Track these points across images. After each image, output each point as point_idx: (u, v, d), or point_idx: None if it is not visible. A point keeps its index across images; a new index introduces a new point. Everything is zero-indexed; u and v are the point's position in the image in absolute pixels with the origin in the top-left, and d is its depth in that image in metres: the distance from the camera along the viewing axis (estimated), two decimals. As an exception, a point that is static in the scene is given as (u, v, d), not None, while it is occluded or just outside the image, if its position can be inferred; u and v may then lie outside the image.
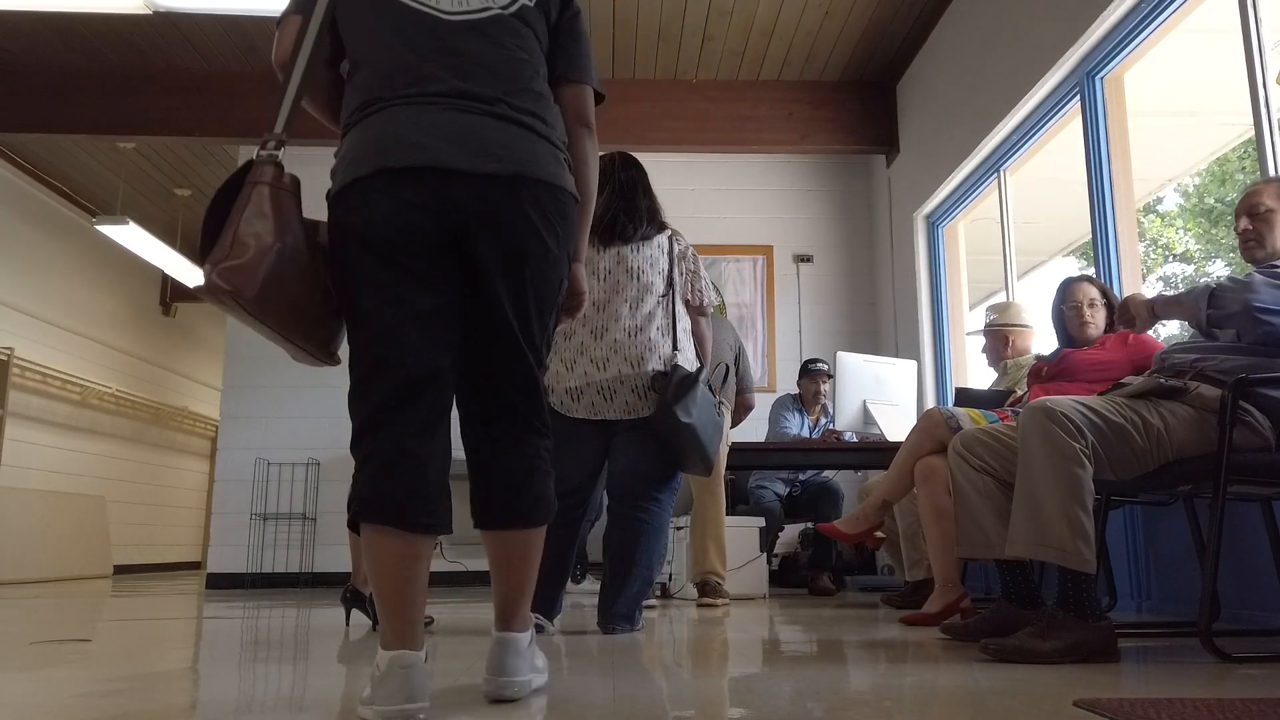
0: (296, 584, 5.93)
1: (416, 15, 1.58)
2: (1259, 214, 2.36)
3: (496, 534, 1.61)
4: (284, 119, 1.53)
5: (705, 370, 2.99)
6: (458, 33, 1.58)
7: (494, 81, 1.57)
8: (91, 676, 1.92)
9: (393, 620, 1.44)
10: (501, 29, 1.61)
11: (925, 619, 3.00)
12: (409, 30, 1.58)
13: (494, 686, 1.56)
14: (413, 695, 1.38)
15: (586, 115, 1.75)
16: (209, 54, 5.66)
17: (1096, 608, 2.09)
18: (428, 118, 1.51)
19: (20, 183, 7.33)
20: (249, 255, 1.39)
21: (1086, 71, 3.88)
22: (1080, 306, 3.06)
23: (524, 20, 1.64)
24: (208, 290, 1.38)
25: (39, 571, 7.16)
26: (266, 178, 1.47)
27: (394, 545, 1.45)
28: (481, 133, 1.52)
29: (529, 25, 1.65)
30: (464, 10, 1.60)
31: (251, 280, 1.38)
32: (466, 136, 1.51)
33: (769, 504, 4.99)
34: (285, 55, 1.62)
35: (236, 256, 1.38)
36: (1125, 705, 1.44)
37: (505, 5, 1.63)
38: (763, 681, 1.81)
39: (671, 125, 5.94)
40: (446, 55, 1.56)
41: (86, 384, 8.20)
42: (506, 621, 1.61)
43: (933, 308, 5.64)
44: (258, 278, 1.39)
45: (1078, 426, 2.10)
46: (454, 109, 1.53)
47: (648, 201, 3.02)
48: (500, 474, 1.60)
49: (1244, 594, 2.82)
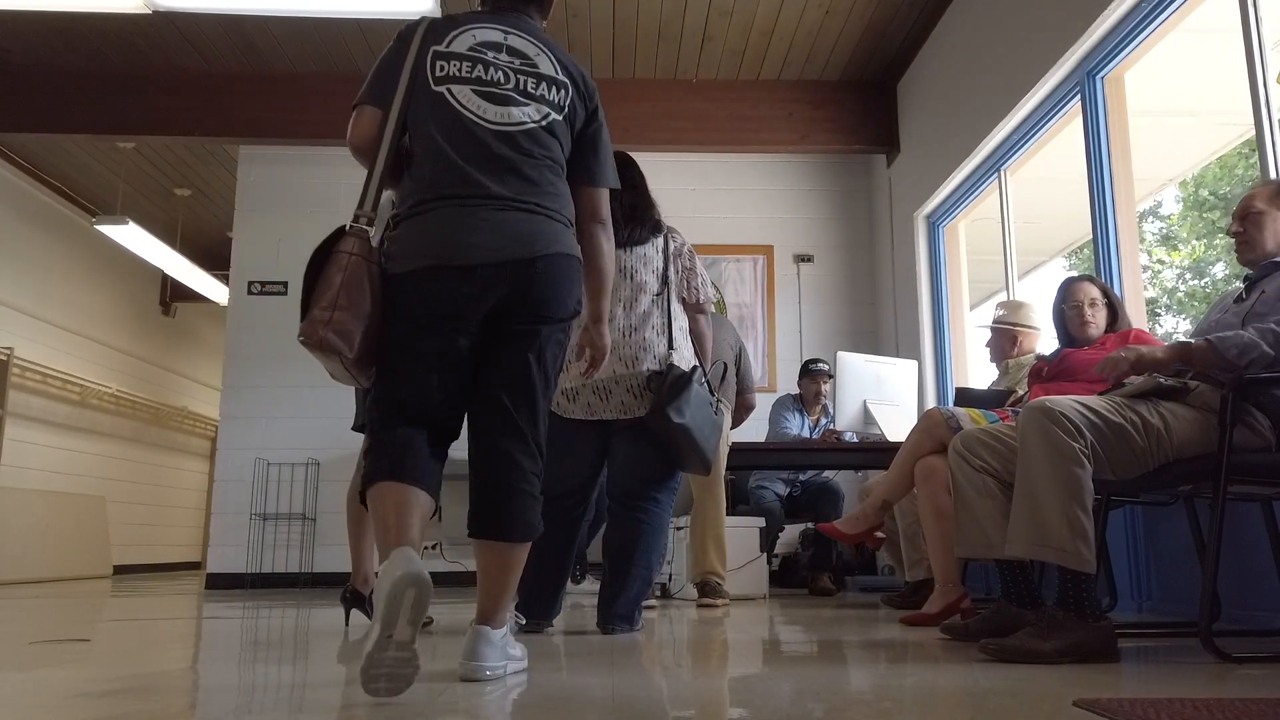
0: (296, 584, 5.93)
1: (466, 121, 1.92)
2: (1249, 217, 2.37)
3: (481, 542, 1.87)
4: (370, 199, 1.88)
5: (705, 369, 2.98)
6: (498, 140, 1.91)
7: (522, 185, 1.91)
8: (90, 676, 1.92)
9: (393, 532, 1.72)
10: (532, 140, 1.95)
11: (925, 619, 3.00)
12: (458, 134, 1.91)
13: (466, 670, 1.81)
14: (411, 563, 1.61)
15: (600, 213, 2.10)
16: (209, 54, 5.66)
17: (1096, 608, 2.09)
18: (471, 219, 1.85)
19: (20, 183, 7.33)
20: (353, 322, 1.76)
21: (1087, 71, 3.88)
22: (1081, 306, 3.06)
23: (552, 132, 1.98)
24: (319, 346, 1.74)
25: (38, 571, 7.16)
26: (362, 251, 1.82)
27: (391, 491, 1.78)
28: (513, 226, 1.87)
29: (555, 136, 1.99)
30: (504, 122, 1.93)
31: (352, 343, 1.77)
32: (500, 232, 1.85)
33: (769, 504, 4.99)
34: (362, 141, 1.95)
35: (341, 322, 1.75)
36: (1125, 705, 1.44)
37: (538, 120, 1.97)
38: (763, 682, 1.80)
39: (671, 125, 5.94)
40: (486, 161, 1.90)
41: (86, 384, 8.20)
42: (484, 618, 1.86)
43: (933, 308, 5.63)
44: (356, 341, 1.77)
45: (1077, 426, 2.10)
46: (491, 208, 1.87)
47: (643, 201, 3.00)
48: (491, 489, 1.88)
49: (1244, 594, 2.81)
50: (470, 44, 1.98)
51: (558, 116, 2.00)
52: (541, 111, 1.98)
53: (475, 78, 1.95)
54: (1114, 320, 3.06)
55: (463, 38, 1.98)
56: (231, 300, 6.33)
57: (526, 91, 1.97)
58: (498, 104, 1.94)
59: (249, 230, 6.36)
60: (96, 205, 8.06)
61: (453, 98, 1.93)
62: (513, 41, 2.01)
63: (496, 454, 1.89)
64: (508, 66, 1.98)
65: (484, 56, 1.97)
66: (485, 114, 1.93)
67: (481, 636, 1.83)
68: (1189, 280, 12.15)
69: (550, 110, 1.99)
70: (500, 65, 1.97)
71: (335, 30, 5.40)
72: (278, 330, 6.19)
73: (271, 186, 6.40)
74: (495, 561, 1.86)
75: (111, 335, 8.80)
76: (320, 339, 1.73)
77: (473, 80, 1.95)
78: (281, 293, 6.23)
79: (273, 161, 6.41)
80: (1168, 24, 3.47)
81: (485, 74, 1.96)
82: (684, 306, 3.01)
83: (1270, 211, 2.36)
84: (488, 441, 1.90)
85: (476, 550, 1.89)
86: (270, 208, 6.37)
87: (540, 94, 1.98)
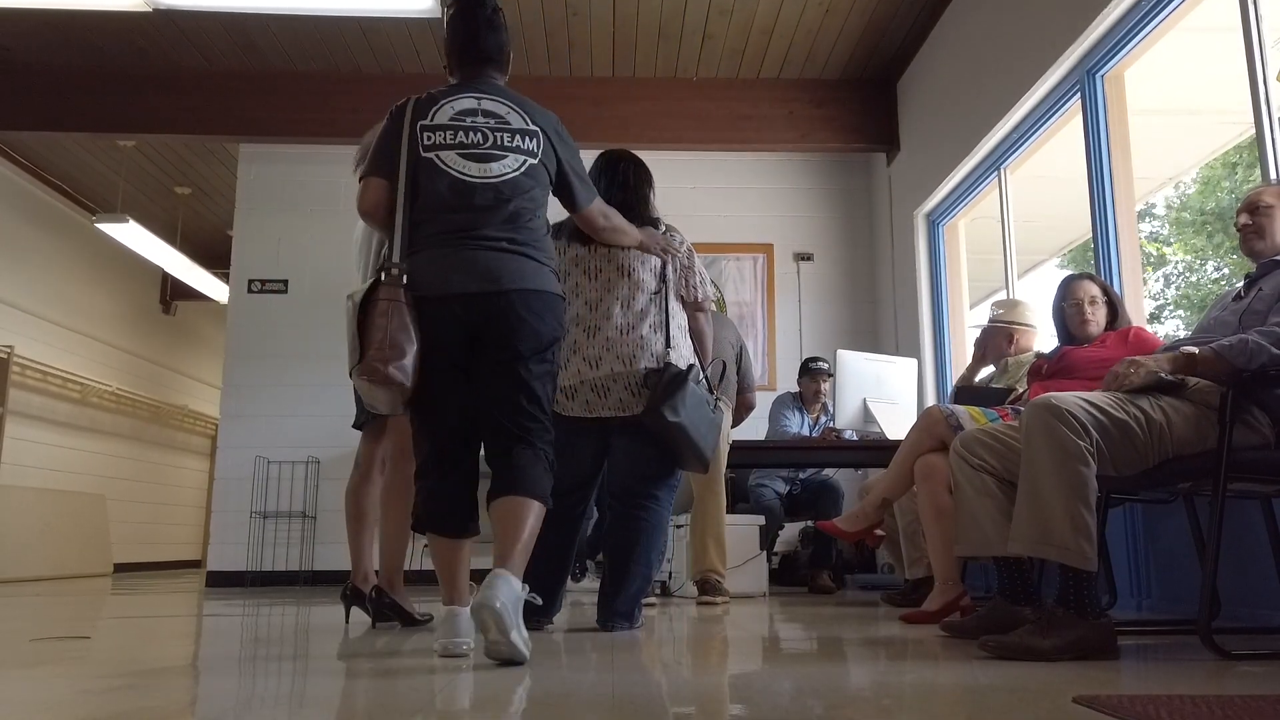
0: (296, 582, 5.93)
1: (453, 179, 2.26)
2: (1259, 209, 2.39)
3: (496, 506, 2.14)
4: (400, 250, 2.21)
5: (705, 367, 2.98)
6: (480, 192, 2.25)
7: (499, 227, 2.23)
8: (91, 674, 1.92)
9: (446, 587, 2.21)
10: (513, 188, 2.27)
11: (925, 617, 3.00)
12: (448, 189, 2.25)
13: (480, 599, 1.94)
14: (459, 633, 2.12)
15: (595, 223, 2.57)
16: (209, 52, 5.66)
17: (1096, 605, 2.09)
18: (462, 256, 2.19)
19: (20, 181, 7.33)
20: (407, 358, 2.09)
21: (1087, 69, 3.88)
22: (1081, 304, 3.05)
23: (530, 176, 2.30)
24: (384, 382, 2.08)
25: (39, 569, 7.16)
26: (402, 297, 2.14)
27: (440, 542, 2.23)
28: (485, 264, 2.19)
29: (533, 178, 2.31)
30: (485, 176, 2.26)
31: (408, 376, 2.10)
32: (482, 268, 2.18)
33: (769, 502, 4.99)
34: (372, 207, 2.30)
35: (397, 358, 2.08)
36: (1124, 702, 1.44)
37: (516, 169, 2.29)
38: (762, 679, 1.81)
39: (672, 124, 5.94)
40: (468, 209, 2.23)
41: (87, 382, 8.20)
42: (501, 563, 2.06)
43: (933, 306, 5.63)
44: (410, 374, 2.10)
45: (1083, 424, 2.10)
46: (476, 248, 2.20)
47: (634, 198, 2.99)
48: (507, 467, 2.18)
49: (1244, 591, 2.82)
50: (450, 114, 2.31)
51: (534, 161, 2.32)
52: (519, 160, 2.30)
53: (458, 142, 2.28)
54: (1114, 318, 3.06)
55: (444, 110, 2.32)
56: (232, 298, 6.33)
57: (503, 145, 2.30)
58: (479, 161, 2.27)
59: (249, 228, 6.36)
60: (97, 204, 8.06)
61: (440, 162, 2.26)
62: (486, 105, 2.34)
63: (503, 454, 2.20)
64: (485, 127, 2.30)
65: (463, 123, 2.30)
66: (468, 171, 2.26)
67: (498, 576, 2.01)
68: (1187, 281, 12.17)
69: (526, 157, 2.31)
70: (478, 128, 2.30)
71: (336, 29, 5.40)
72: (278, 328, 6.19)
73: (272, 185, 6.40)
74: (507, 517, 2.11)
75: (112, 333, 8.80)
76: (385, 376, 2.06)
77: (456, 145, 2.28)
78: (282, 291, 6.23)
79: (273, 160, 6.41)
80: (1168, 22, 3.47)
81: (466, 138, 2.28)
82: (683, 305, 3.01)
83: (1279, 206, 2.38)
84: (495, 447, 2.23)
85: (493, 518, 2.14)
86: (270, 206, 6.37)
87: (515, 145, 2.31)
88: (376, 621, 3.00)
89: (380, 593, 2.98)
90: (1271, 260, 2.36)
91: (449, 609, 2.17)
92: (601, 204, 2.59)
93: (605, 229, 2.62)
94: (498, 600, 1.93)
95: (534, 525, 2.13)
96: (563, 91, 5.76)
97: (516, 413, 2.20)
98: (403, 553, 3.06)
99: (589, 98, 5.85)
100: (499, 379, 2.20)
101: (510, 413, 2.20)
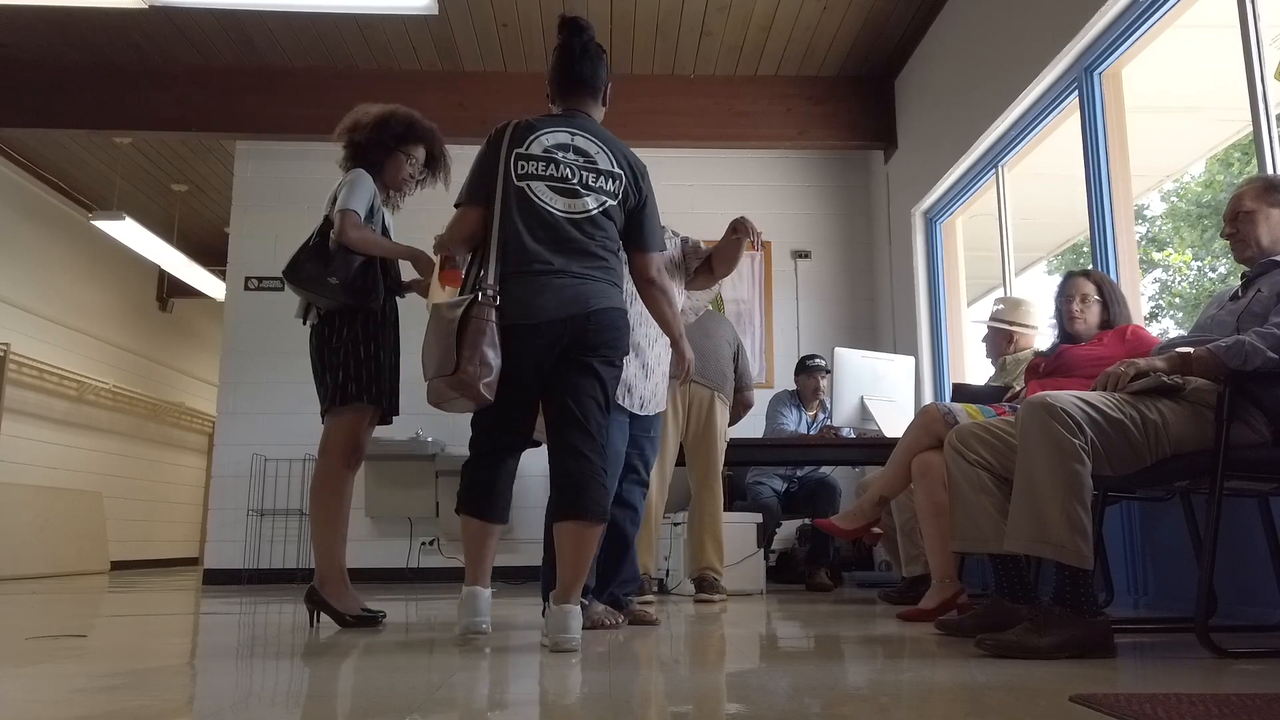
0: (294, 579, 5.92)
1: (541, 211, 2.45)
2: (1240, 216, 2.38)
3: (562, 526, 2.31)
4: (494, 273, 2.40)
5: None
6: (566, 225, 2.45)
7: (581, 260, 2.44)
8: (87, 672, 1.91)
9: (470, 567, 2.45)
10: (593, 225, 2.47)
11: (922, 614, 3.00)
12: (534, 221, 2.44)
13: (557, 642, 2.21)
14: (478, 612, 2.43)
15: (648, 273, 2.60)
16: (206, 49, 5.65)
17: (1093, 603, 2.09)
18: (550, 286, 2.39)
19: (16, 178, 7.31)
20: (493, 375, 2.33)
21: (1085, 67, 3.87)
22: (1073, 300, 3.04)
23: (608, 215, 2.51)
24: (474, 396, 2.32)
25: (35, 567, 7.15)
26: (491, 317, 2.35)
27: (472, 524, 2.46)
28: (571, 292, 2.40)
29: (610, 218, 2.51)
30: (570, 211, 2.46)
31: (493, 393, 2.35)
32: (569, 296, 2.39)
33: (766, 500, 4.99)
34: (465, 235, 2.50)
35: (487, 375, 2.31)
36: (1121, 700, 1.44)
37: (596, 208, 2.49)
38: (760, 677, 1.81)
39: (669, 120, 5.93)
40: (555, 242, 2.43)
41: (83, 380, 8.19)
42: (565, 595, 2.28)
43: (930, 304, 5.63)
44: (494, 391, 2.35)
45: (1078, 423, 2.10)
46: (559, 278, 2.40)
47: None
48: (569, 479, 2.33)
49: (1240, 589, 2.82)
50: (545, 147, 2.49)
51: (613, 203, 2.52)
52: (599, 200, 2.50)
53: (549, 175, 2.47)
54: (1107, 318, 3.03)
55: (539, 141, 2.50)
56: (229, 296, 6.32)
57: (588, 185, 2.49)
58: (566, 196, 2.47)
59: (246, 225, 6.35)
60: (93, 201, 8.04)
61: (531, 192, 2.46)
62: (578, 142, 2.52)
63: (568, 449, 2.35)
64: (573, 164, 2.49)
65: (555, 157, 2.48)
66: (555, 204, 2.45)
67: (568, 613, 2.24)
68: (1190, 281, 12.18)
69: (607, 199, 2.51)
70: (568, 163, 2.49)
71: (332, 25, 5.39)
72: (275, 326, 6.18)
73: (268, 182, 6.39)
74: (573, 542, 2.29)
75: (108, 331, 8.78)
76: (477, 391, 2.31)
77: (546, 177, 2.47)
78: (279, 288, 6.22)
79: (270, 157, 6.40)
80: (1166, 19, 3.47)
81: (556, 171, 2.47)
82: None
83: (1260, 209, 2.37)
84: (560, 440, 2.37)
85: (556, 534, 2.32)
86: (267, 203, 6.36)
87: (599, 186, 2.50)
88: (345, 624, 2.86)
89: (313, 591, 2.88)
90: (1270, 260, 2.35)
91: (471, 589, 2.42)
92: (661, 260, 2.65)
93: (654, 283, 2.60)
94: (574, 641, 2.23)
95: (593, 547, 2.34)
96: (560, 88, 5.75)
97: (585, 401, 2.37)
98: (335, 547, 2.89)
99: (587, 95, 5.83)
100: (575, 372, 2.39)
101: (580, 399, 2.37)
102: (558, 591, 2.29)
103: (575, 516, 2.29)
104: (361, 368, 2.90)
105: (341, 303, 2.88)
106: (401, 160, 3.07)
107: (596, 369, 2.40)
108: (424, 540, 6.02)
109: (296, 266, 2.89)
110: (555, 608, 2.27)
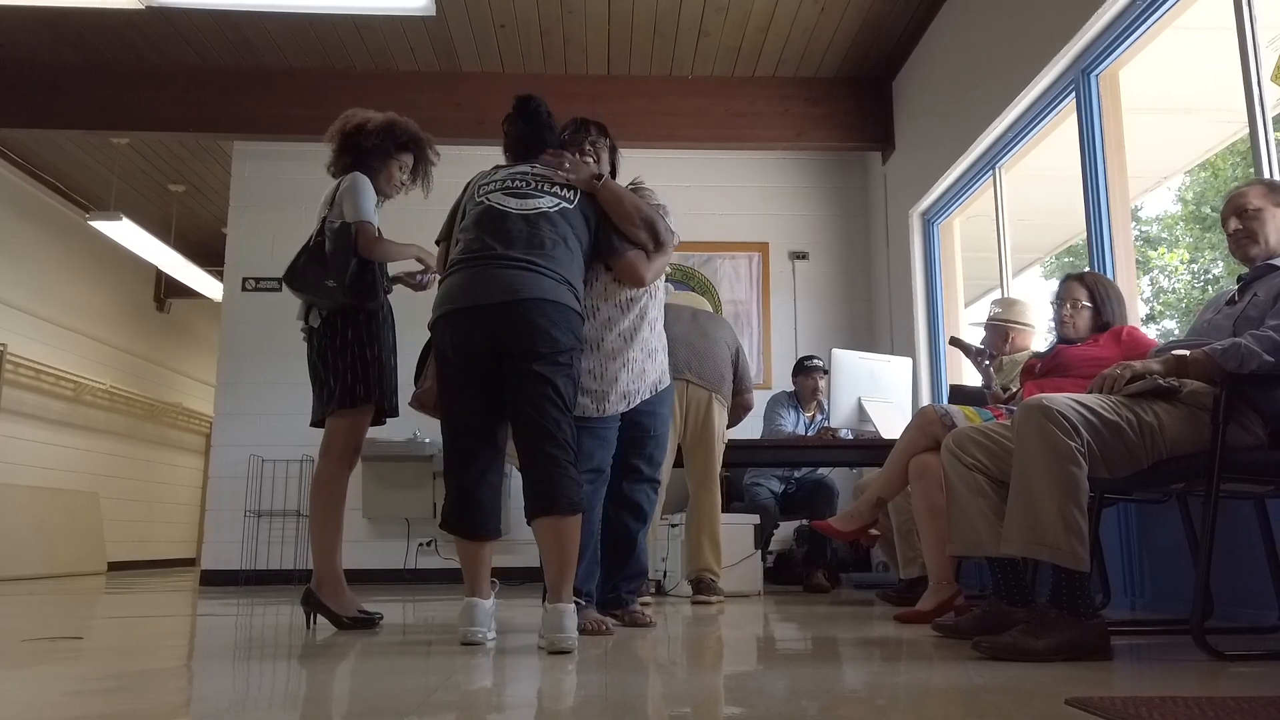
0: (291, 581, 5.91)
1: (494, 210, 2.59)
2: (1248, 213, 2.37)
3: (538, 524, 2.33)
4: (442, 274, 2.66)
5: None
6: (517, 220, 2.56)
7: (527, 248, 2.50)
8: (84, 674, 1.91)
9: (466, 579, 2.49)
10: (548, 221, 2.57)
11: (919, 616, 3.00)
12: (486, 219, 2.58)
13: (554, 642, 2.22)
14: (474, 622, 2.43)
15: (634, 275, 2.75)
16: (203, 49, 5.64)
17: (1090, 606, 2.10)
18: (489, 273, 2.45)
19: (13, 178, 7.30)
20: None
21: (1082, 68, 3.88)
22: (1064, 303, 3.04)
23: (564, 216, 2.61)
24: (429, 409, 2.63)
25: (32, 568, 7.14)
26: None
27: (462, 543, 2.48)
28: (509, 277, 2.43)
29: (567, 220, 2.61)
30: (524, 209, 2.58)
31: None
32: (504, 283, 2.43)
33: (764, 501, 4.99)
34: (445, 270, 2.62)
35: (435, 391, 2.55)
36: (1117, 703, 1.44)
37: (552, 206, 2.61)
38: (757, 679, 1.81)
39: (667, 121, 5.93)
40: (504, 233, 2.53)
41: (80, 380, 8.18)
42: (555, 595, 2.30)
43: (928, 305, 5.64)
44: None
45: (1074, 425, 2.10)
46: (500, 267, 2.45)
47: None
48: (535, 478, 2.35)
49: (1237, 592, 2.82)
50: (504, 175, 2.69)
51: (569, 205, 2.63)
52: (554, 200, 2.62)
53: (506, 187, 2.64)
54: (1099, 322, 3.01)
55: (500, 174, 2.70)
56: (226, 296, 6.32)
57: (543, 190, 2.64)
58: (520, 198, 2.61)
59: (244, 226, 6.34)
60: (90, 201, 8.03)
61: (488, 200, 2.62)
62: (536, 169, 2.70)
63: (532, 454, 2.37)
64: (530, 178, 2.66)
65: (514, 177, 2.68)
66: (509, 204, 2.59)
67: (563, 613, 2.26)
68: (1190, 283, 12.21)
69: (561, 200, 2.63)
70: (525, 177, 2.66)
71: (330, 26, 5.39)
72: (272, 326, 6.16)
73: (266, 182, 6.38)
74: (551, 537, 2.32)
75: (106, 331, 8.77)
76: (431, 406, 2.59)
77: (504, 189, 2.64)
78: (276, 289, 6.21)
79: (267, 157, 6.39)
80: (1162, 21, 3.47)
81: (512, 184, 2.65)
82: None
83: (1268, 208, 2.36)
84: (524, 448, 2.40)
85: (536, 535, 2.34)
86: (265, 203, 6.35)
87: (555, 191, 2.64)
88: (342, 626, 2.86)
89: (310, 592, 2.88)
90: (1266, 264, 2.35)
91: (469, 600, 2.46)
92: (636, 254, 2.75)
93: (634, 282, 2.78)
94: (570, 640, 2.24)
95: (574, 540, 2.34)
96: (558, 89, 5.74)
97: (541, 408, 2.38)
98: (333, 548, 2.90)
99: (584, 95, 5.83)
100: (524, 380, 2.40)
101: (536, 408, 2.38)
102: (549, 591, 2.32)
103: (546, 512, 2.31)
104: (368, 369, 2.93)
105: (342, 303, 2.90)
106: (395, 167, 3.11)
107: (540, 373, 2.40)
108: (421, 541, 6.02)
109: (295, 271, 2.92)
110: (550, 607, 2.28)
